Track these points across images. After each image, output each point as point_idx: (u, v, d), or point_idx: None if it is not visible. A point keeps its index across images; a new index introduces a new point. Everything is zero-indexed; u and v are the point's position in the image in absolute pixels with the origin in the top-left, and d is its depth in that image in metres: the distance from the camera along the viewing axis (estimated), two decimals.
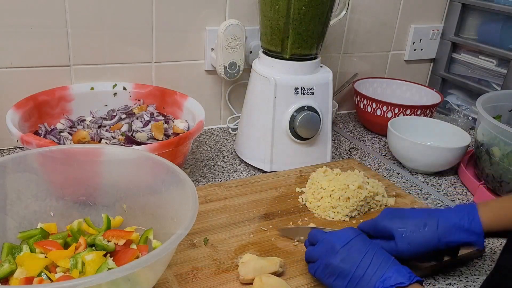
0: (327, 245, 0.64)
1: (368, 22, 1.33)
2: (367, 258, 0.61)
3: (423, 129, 1.14)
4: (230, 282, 0.68)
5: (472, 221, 0.65)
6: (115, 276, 0.47)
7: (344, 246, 0.63)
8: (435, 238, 0.65)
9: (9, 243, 0.63)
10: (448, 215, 0.67)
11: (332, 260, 0.62)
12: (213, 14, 1.10)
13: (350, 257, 0.62)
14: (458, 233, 0.65)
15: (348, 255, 0.62)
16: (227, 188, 0.91)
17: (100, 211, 0.72)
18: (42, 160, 0.70)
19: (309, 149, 1.02)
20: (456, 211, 0.67)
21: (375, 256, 0.61)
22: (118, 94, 1.03)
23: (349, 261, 0.61)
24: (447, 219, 0.66)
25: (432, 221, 0.67)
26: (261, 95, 0.98)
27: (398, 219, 0.69)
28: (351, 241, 0.63)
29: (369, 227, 0.71)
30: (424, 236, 0.66)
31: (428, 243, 0.66)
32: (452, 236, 0.65)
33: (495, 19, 1.32)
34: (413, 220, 0.68)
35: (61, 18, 0.97)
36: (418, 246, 0.66)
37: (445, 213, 0.67)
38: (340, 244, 0.63)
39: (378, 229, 0.70)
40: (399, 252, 0.66)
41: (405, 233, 0.67)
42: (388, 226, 0.68)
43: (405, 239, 0.66)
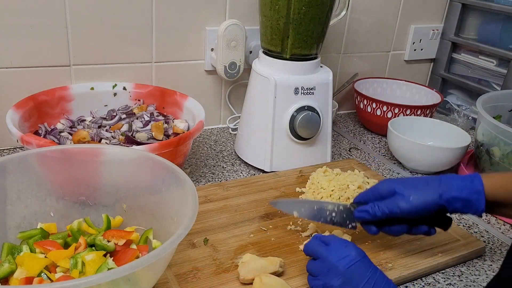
0: (328, 265, 0.62)
1: (368, 22, 1.33)
2: (368, 284, 0.60)
3: (423, 129, 1.14)
4: (230, 282, 0.68)
5: (474, 181, 0.66)
6: (115, 276, 0.47)
7: (346, 269, 0.61)
8: (437, 193, 0.66)
9: (9, 243, 0.63)
10: (451, 177, 0.68)
11: (333, 282, 0.61)
12: (213, 14, 1.10)
13: (351, 281, 0.60)
14: (460, 190, 0.66)
15: (350, 279, 0.60)
16: (227, 188, 0.91)
17: (100, 211, 0.72)
18: (42, 160, 0.70)
19: (309, 149, 1.02)
20: (459, 175, 0.69)
21: (376, 283, 0.60)
22: (118, 94, 1.03)
23: (350, 285, 0.60)
24: (450, 178, 0.68)
25: (434, 180, 0.68)
26: (261, 95, 0.98)
27: (400, 180, 0.70)
28: (353, 265, 0.61)
29: (368, 192, 0.72)
30: (426, 191, 0.67)
31: (429, 198, 0.66)
32: (453, 192, 0.66)
33: (495, 19, 1.32)
34: (415, 180, 0.69)
35: (61, 18, 0.97)
36: (419, 200, 0.66)
37: (448, 175, 0.69)
38: (343, 266, 0.61)
39: (378, 190, 0.70)
40: (400, 206, 0.67)
41: (407, 189, 0.67)
42: (390, 185, 0.69)
43: (407, 193, 0.67)
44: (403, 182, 0.69)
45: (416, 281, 0.74)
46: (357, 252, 0.63)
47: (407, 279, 0.73)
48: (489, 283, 0.56)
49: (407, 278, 0.73)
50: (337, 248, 0.63)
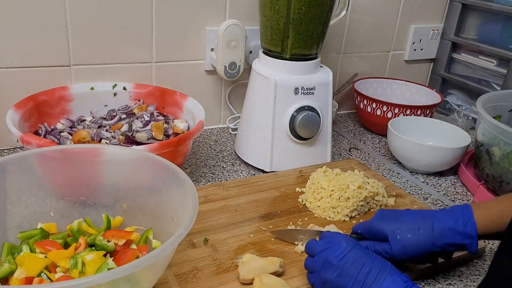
0: (322, 260, 0.63)
1: (368, 22, 1.33)
2: (364, 270, 0.60)
3: (423, 129, 1.14)
4: (230, 282, 0.68)
5: (466, 224, 0.65)
6: (115, 276, 0.47)
7: (339, 260, 0.62)
8: (430, 241, 0.65)
9: (9, 243, 0.63)
10: (443, 218, 0.66)
11: (329, 276, 0.62)
12: (213, 14, 1.10)
13: (346, 271, 0.61)
14: (453, 236, 0.65)
15: (345, 270, 0.61)
16: (227, 188, 0.91)
17: (100, 211, 0.72)
18: (42, 160, 0.70)
19: (309, 149, 1.02)
20: (450, 213, 0.67)
21: (373, 268, 0.61)
22: (118, 94, 1.03)
23: (346, 275, 0.61)
24: (442, 222, 0.66)
25: (427, 224, 0.66)
26: (261, 95, 0.98)
27: (393, 221, 0.68)
28: (346, 254, 0.62)
29: (364, 228, 0.71)
30: (419, 239, 0.66)
31: (422, 246, 0.66)
32: (446, 239, 0.65)
33: (495, 19, 1.32)
34: (407, 223, 0.67)
35: (61, 18, 0.97)
36: (412, 249, 0.66)
37: (439, 215, 0.67)
38: (336, 259, 0.62)
39: (372, 231, 0.70)
40: (394, 254, 0.66)
41: (400, 235, 0.66)
42: (383, 228, 0.68)
43: (399, 242, 0.66)
44: (395, 225, 0.68)
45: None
46: (349, 241, 0.64)
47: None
48: (480, 284, 0.56)
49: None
50: (328, 242, 0.65)
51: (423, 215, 0.68)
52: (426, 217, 0.67)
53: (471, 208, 0.66)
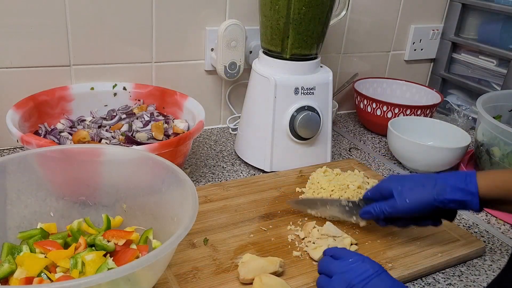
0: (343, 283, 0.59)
1: (368, 22, 1.33)
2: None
3: (423, 129, 1.14)
4: (230, 282, 0.68)
5: (468, 183, 0.67)
6: (115, 276, 0.47)
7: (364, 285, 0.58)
8: (432, 195, 0.69)
9: (9, 243, 0.63)
10: (446, 176, 0.70)
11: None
12: (213, 14, 1.10)
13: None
14: (454, 192, 0.68)
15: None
16: (227, 188, 0.91)
17: (100, 211, 0.72)
18: (42, 160, 0.70)
19: (309, 149, 1.02)
20: (455, 174, 0.70)
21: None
22: (118, 94, 1.03)
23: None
24: (445, 180, 0.69)
25: (430, 181, 0.70)
26: (261, 95, 0.98)
27: (399, 180, 0.73)
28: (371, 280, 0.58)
29: (373, 190, 0.76)
30: (421, 193, 0.70)
31: (425, 200, 0.69)
32: (447, 194, 0.68)
33: (495, 19, 1.32)
34: (412, 180, 0.72)
35: (61, 18, 0.97)
36: (415, 202, 0.70)
37: (444, 175, 0.71)
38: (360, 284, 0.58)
39: (380, 191, 0.74)
40: (398, 208, 0.71)
41: (404, 190, 0.71)
42: (389, 186, 0.73)
43: (403, 195, 0.70)
44: (401, 182, 0.72)
45: (416, 281, 0.74)
46: (373, 264, 0.61)
47: (407, 279, 0.73)
48: (490, 283, 0.57)
49: (407, 278, 0.73)
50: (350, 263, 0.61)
51: (428, 175, 0.72)
52: (430, 176, 0.72)
53: (476, 172, 0.69)
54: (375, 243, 0.79)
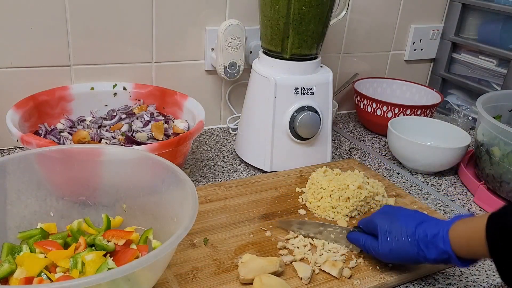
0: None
1: (368, 22, 1.33)
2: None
3: (423, 129, 1.14)
4: (230, 282, 0.68)
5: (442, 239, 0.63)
6: (115, 276, 0.47)
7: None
8: (415, 251, 0.65)
9: (9, 243, 0.63)
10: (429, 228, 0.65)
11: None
12: (213, 14, 1.10)
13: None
14: (431, 250, 0.64)
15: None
16: (227, 188, 0.91)
17: (100, 211, 0.72)
18: (42, 160, 0.70)
19: (309, 149, 1.02)
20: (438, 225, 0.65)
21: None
22: (118, 94, 1.03)
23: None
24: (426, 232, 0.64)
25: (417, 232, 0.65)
26: (261, 95, 0.98)
27: (388, 221, 0.69)
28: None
29: (364, 222, 0.74)
30: (405, 247, 0.66)
31: (408, 254, 0.66)
32: (426, 252, 0.64)
33: (495, 19, 1.32)
34: (400, 226, 0.67)
35: (61, 18, 0.97)
36: (399, 254, 0.67)
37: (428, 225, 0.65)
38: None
39: (370, 224, 0.72)
40: (381, 255, 0.69)
41: (390, 237, 0.67)
42: (377, 224, 0.69)
43: (388, 244, 0.67)
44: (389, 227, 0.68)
45: (416, 281, 0.74)
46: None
47: (407, 279, 0.73)
48: None
49: (407, 278, 0.73)
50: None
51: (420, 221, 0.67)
52: (420, 224, 0.66)
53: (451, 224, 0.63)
54: None
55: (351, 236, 0.74)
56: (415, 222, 0.67)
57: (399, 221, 0.68)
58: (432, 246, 0.64)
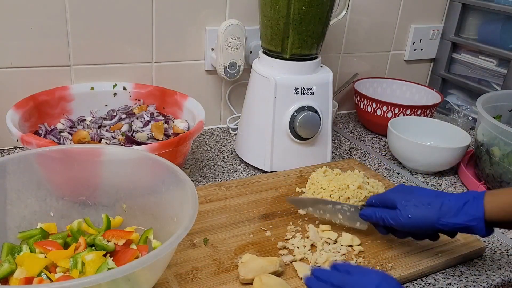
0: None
1: (368, 22, 1.33)
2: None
3: (423, 129, 1.14)
4: (230, 282, 0.68)
5: (476, 207, 0.66)
6: (115, 276, 0.47)
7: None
8: (435, 216, 0.67)
9: (9, 243, 0.63)
10: (454, 198, 0.68)
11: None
12: (213, 14, 1.10)
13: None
14: (459, 216, 0.66)
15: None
16: (227, 188, 0.91)
17: (100, 211, 0.72)
18: (42, 160, 0.70)
19: (309, 149, 1.02)
20: (462, 195, 0.68)
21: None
22: (118, 94, 1.03)
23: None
24: (452, 201, 0.68)
25: (437, 201, 0.69)
26: (261, 95, 0.98)
27: (406, 194, 0.72)
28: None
29: (378, 198, 0.75)
30: (425, 212, 0.68)
31: (428, 220, 0.68)
32: (451, 218, 0.67)
33: (495, 19, 1.32)
34: (419, 197, 0.70)
35: (61, 18, 0.97)
36: (417, 219, 0.68)
37: (451, 196, 0.69)
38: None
39: (385, 200, 0.73)
40: (399, 222, 0.69)
41: (408, 205, 0.69)
42: (395, 198, 0.71)
43: (406, 210, 0.69)
44: (407, 196, 0.71)
45: (416, 281, 0.74)
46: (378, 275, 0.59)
47: (407, 279, 0.73)
48: None
49: (407, 278, 0.73)
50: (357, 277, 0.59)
51: (436, 194, 0.71)
52: (438, 195, 0.70)
53: (484, 194, 0.67)
54: (375, 243, 0.79)
55: (365, 212, 0.76)
56: (433, 193, 0.71)
57: (418, 192, 0.71)
58: (461, 212, 0.66)
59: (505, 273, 0.77)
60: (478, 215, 0.65)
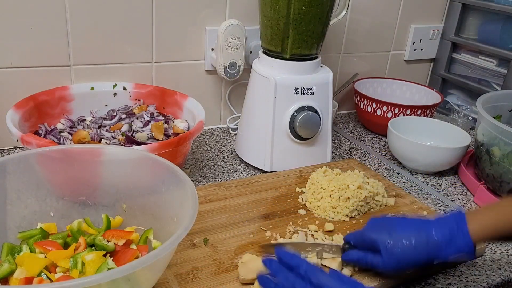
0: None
1: (368, 22, 1.33)
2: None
3: (423, 129, 1.14)
4: (230, 282, 0.68)
5: (463, 238, 0.62)
6: (115, 276, 0.47)
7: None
8: (425, 257, 0.63)
9: (9, 243, 0.63)
10: (437, 231, 0.63)
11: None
12: (213, 14, 1.10)
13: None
14: (449, 249, 0.62)
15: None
16: (227, 188, 0.91)
17: (100, 211, 0.72)
18: (42, 160, 0.70)
19: (309, 149, 1.02)
20: (446, 226, 0.64)
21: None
22: (118, 94, 1.03)
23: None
24: (437, 234, 0.63)
25: (421, 237, 0.63)
26: (261, 95, 0.98)
27: (386, 233, 0.65)
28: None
29: (356, 238, 0.70)
30: (413, 255, 0.63)
31: (416, 261, 0.64)
32: (442, 253, 0.63)
33: (495, 19, 1.32)
34: (401, 235, 0.64)
35: (61, 18, 0.97)
36: (407, 264, 0.64)
37: (434, 227, 0.64)
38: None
39: (365, 242, 0.68)
40: (386, 267, 0.65)
41: (394, 250, 0.64)
42: (375, 239, 0.65)
43: (393, 257, 0.64)
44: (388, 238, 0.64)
45: (416, 281, 0.74)
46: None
47: (407, 279, 0.73)
48: None
49: (407, 278, 0.73)
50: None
51: (417, 227, 0.65)
52: (420, 229, 0.64)
53: (465, 217, 0.63)
54: None
55: (348, 258, 0.70)
56: (414, 228, 0.65)
57: (397, 231, 0.65)
58: (450, 244, 0.62)
59: (505, 273, 0.77)
60: (467, 249, 0.62)
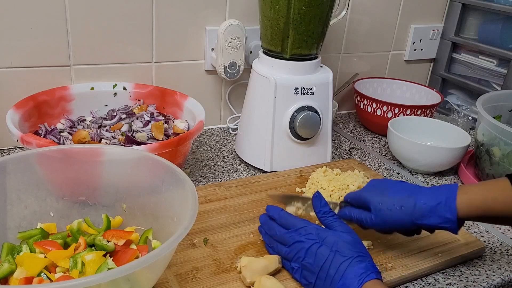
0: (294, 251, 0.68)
1: (368, 22, 1.33)
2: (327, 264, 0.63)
3: (423, 129, 1.14)
4: (230, 282, 0.68)
5: (449, 209, 0.66)
6: (115, 276, 0.47)
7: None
8: (409, 219, 0.68)
9: (9, 243, 0.63)
10: (426, 198, 0.68)
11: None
12: (213, 14, 1.10)
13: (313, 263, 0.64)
14: (433, 218, 0.67)
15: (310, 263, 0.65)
16: (227, 188, 0.91)
17: (100, 211, 0.72)
18: (42, 160, 0.70)
19: (309, 149, 1.02)
20: (435, 194, 0.68)
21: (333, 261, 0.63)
22: (118, 94, 1.03)
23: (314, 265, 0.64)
24: (424, 202, 0.67)
25: (409, 201, 0.68)
26: (261, 95, 0.98)
27: (379, 194, 0.71)
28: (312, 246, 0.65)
29: (353, 197, 0.75)
30: (399, 216, 0.69)
31: (401, 223, 0.69)
32: (425, 220, 0.67)
33: (495, 19, 1.32)
34: (391, 198, 0.70)
35: (61, 18, 0.97)
36: (392, 223, 0.69)
37: (424, 195, 0.68)
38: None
39: (360, 200, 0.73)
40: (374, 225, 0.71)
41: (381, 209, 0.69)
42: (369, 200, 0.71)
43: (380, 216, 0.70)
44: (380, 198, 0.70)
45: (416, 281, 0.74)
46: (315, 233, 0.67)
47: (407, 279, 0.73)
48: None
49: (408, 278, 0.73)
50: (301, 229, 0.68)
51: (408, 191, 0.70)
52: (411, 194, 0.69)
53: (456, 191, 0.67)
54: (375, 243, 0.78)
55: (342, 214, 0.75)
56: (405, 193, 0.70)
57: (390, 193, 0.71)
58: (434, 214, 0.66)
59: (505, 273, 0.77)
60: (451, 217, 0.66)
